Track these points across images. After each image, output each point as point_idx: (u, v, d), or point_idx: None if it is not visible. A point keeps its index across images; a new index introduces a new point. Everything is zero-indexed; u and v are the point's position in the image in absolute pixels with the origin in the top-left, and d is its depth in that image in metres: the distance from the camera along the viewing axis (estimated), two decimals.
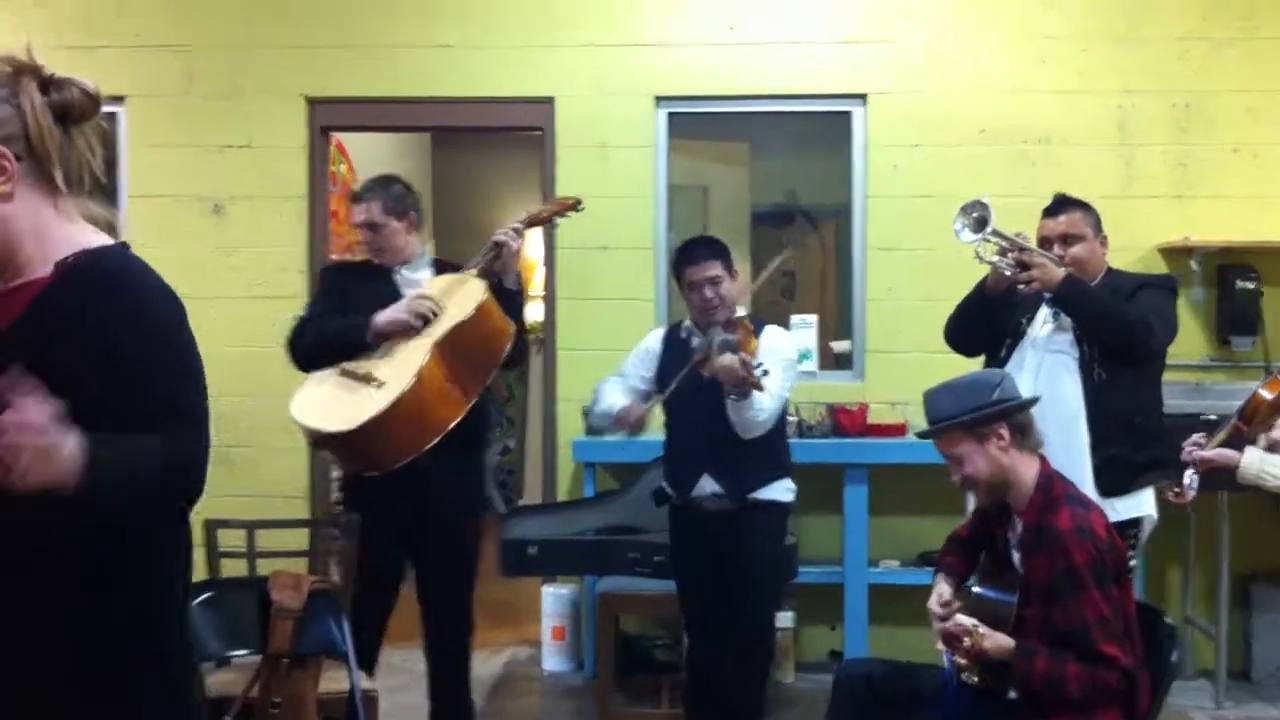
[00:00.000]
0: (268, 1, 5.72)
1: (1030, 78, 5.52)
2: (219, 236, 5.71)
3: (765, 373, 3.58)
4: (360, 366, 3.74)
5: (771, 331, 4.03)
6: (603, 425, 4.07)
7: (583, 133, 5.62)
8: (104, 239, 1.77)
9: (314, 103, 5.75)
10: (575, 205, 4.21)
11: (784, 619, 5.13)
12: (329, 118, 5.81)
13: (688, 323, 4.05)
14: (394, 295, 3.91)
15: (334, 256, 6.17)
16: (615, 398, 4.04)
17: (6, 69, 1.72)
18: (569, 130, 5.63)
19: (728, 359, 3.57)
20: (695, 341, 3.92)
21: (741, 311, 3.99)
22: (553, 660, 5.49)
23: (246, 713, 3.36)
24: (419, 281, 4.01)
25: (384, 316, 3.78)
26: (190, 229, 5.70)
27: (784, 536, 4.11)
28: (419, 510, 3.90)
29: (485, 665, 5.52)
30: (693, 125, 5.89)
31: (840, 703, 3.10)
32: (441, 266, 4.13)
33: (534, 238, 8.40)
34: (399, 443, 3.64)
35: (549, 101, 5.65)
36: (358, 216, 4.07)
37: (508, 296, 3.94)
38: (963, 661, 2.86)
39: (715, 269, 3.92)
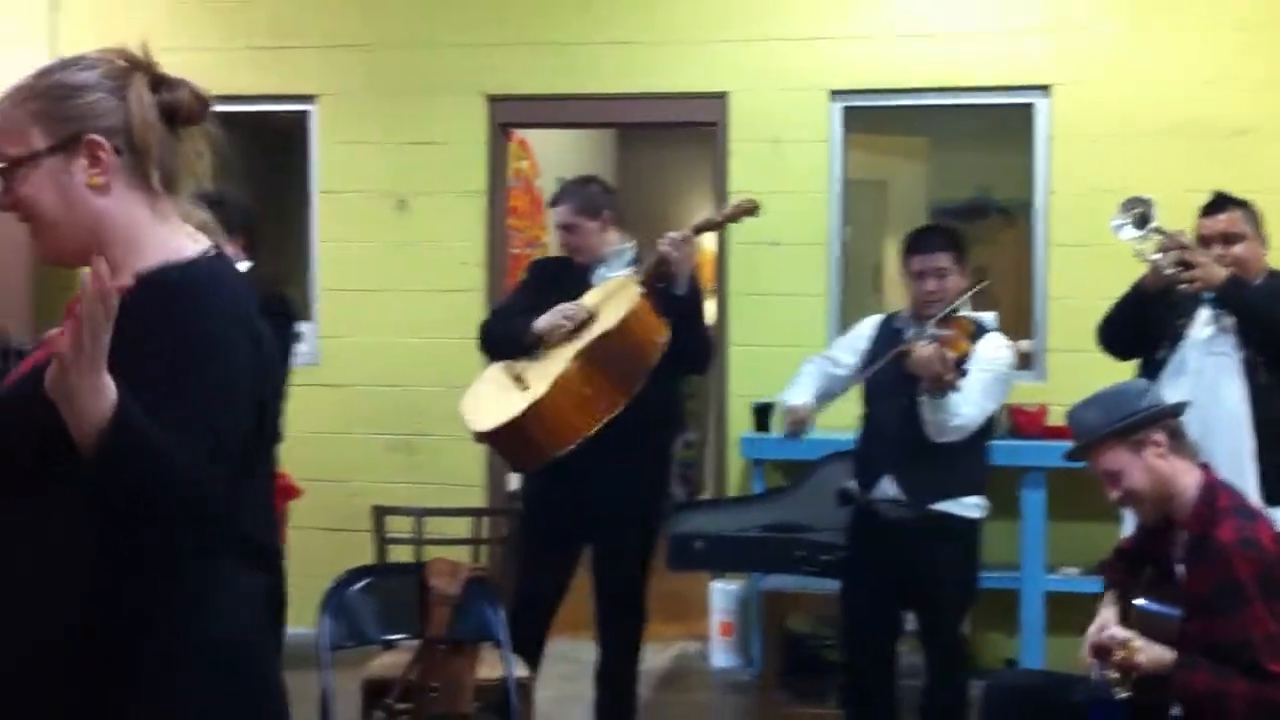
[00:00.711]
0: (450, 1, 5.85)
1: (1224, 68, 5.24)
2: (402, 231, 5.87)
3: (964, 373, 3.46)
4: (519, 367, 3.84)
5: (992, 339, 3.82)
6: (785, 428, 3.97)
7: (756, 128, 5.58)
8: (197, 246, 1.72)
9: (494, 100, 5.85)
10: (751, 210, 4.06)
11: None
12: (508, 114, 5.91)
13: (905, 313, 3.93)
14: (585, 292, 3.97)
15: (514, 251, 6.30)
16: (801, 388, 3.95)
17: (120, 63, 1.72)
18: (742, 125, 5.60)
19: (929, 351, 3.47)
20: (909, 333, 3.76)
21: (967, 312, 3.79)
22: (720, 656, 5.48)
23: (406, 695, 3.45)
24: (606, 280, 4.06)
25: (543, 321, 3.84)
26: (375, 224, 5.88)
27: (972, 557, 3.88)
28: (596, 504, 3.92)
29: (654, 658, 5.53)
30: (870, 119, 5.79)
31: (989, 715, 3.00)
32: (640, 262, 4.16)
33: (706, 235, 8.42)
34: (534, 446, 3.72)
35: (722, 97, 5.63)
36: (555, 219, 4.15)
37: (677, 302, 3.90)
38: (1114, 675, 2.73)
39: (943, 260, 3.76)
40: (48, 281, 5.46)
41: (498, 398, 3.74)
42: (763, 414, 5.33)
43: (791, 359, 4.70)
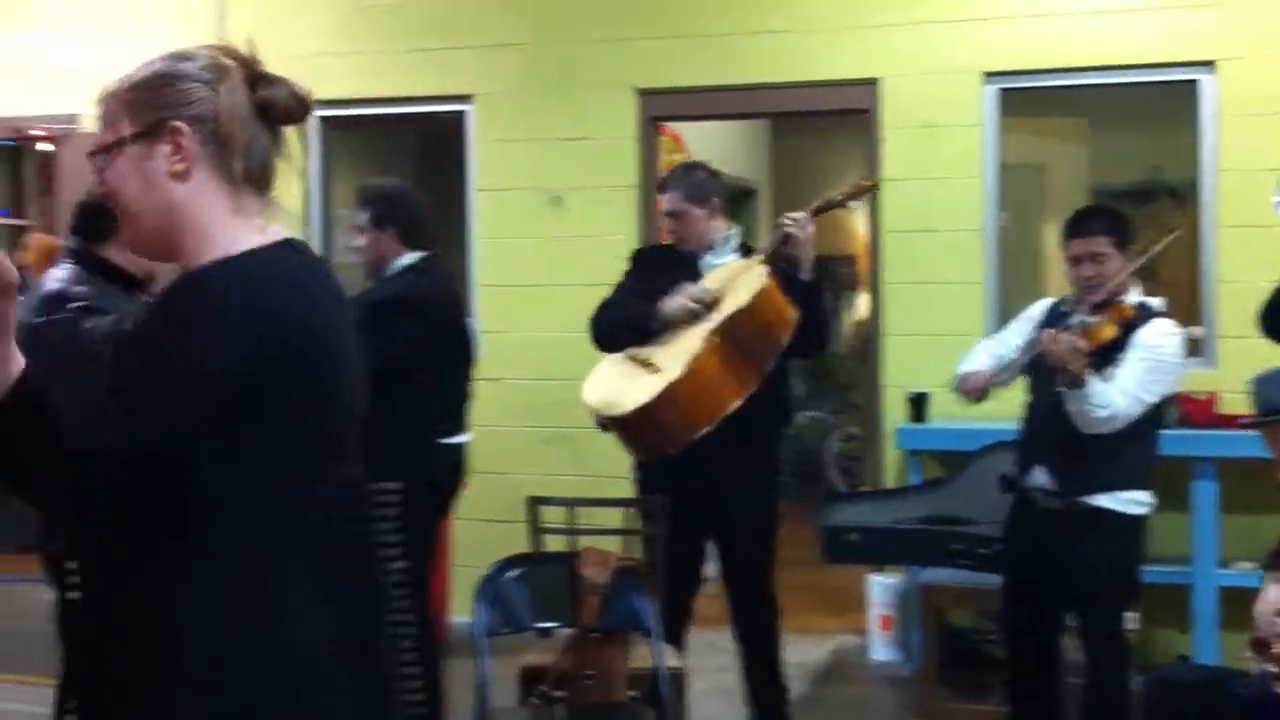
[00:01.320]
0: None
1: None
2: (557, 226, 5.95)
3: (1113, 362, 3.35)
4: (644, 353, 3.81)
5: (1156, 325, 3.65)
6: (956, 387, 3.90)
7: (908, 113, 5.49)
8: (260, 239, 1.68)
9: (644, 94, 5.89)
10: (872, 187, 4.11)
11: (1129, 620, 4.85)
12: (658, 108, 5.94)
13: (1072, 297, 3.79)
14: (697, 280, 3.96)
15: (666, 243, 6.32)
16: (975, 361, 3.89)
17: (222, 59, 1.73)
18: (894, 111, 5.52)
19: (1058, 341, 3.39)
20: (1074, 319, 3.63)
21: (1135, 298, 3.65)
22: (880, 650, 5.42)
23: (561, 683, 3.50)
24: (717, 267, 4.05)
25: (670, 304, 3.84)
26: (531, 219, 5.97)
27: (1131, 554, 3.75)
28: (713, 495, 3.93)
29: (813, 651, 5.52)
30: (1026, 101, 5.64)
31: (1152, 712, 2.91)
32: (747, 250, 4.15)
33: (857, 222, 8.35)
34: (670, 429, 3.69)
35: (874, 82, 5.57)
36: (663, 205, 4.15)
37: (800, 286, 3.89)
38: (1274, 669, 2.62)
39: (1101, 244, 3.63)
40: None
41: (627, 383, 3.73)
42: (918, 404, 5.26)
43: (947, 348, 4.62)
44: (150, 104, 1.68)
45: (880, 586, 5.42)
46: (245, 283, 1.60)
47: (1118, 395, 3.46)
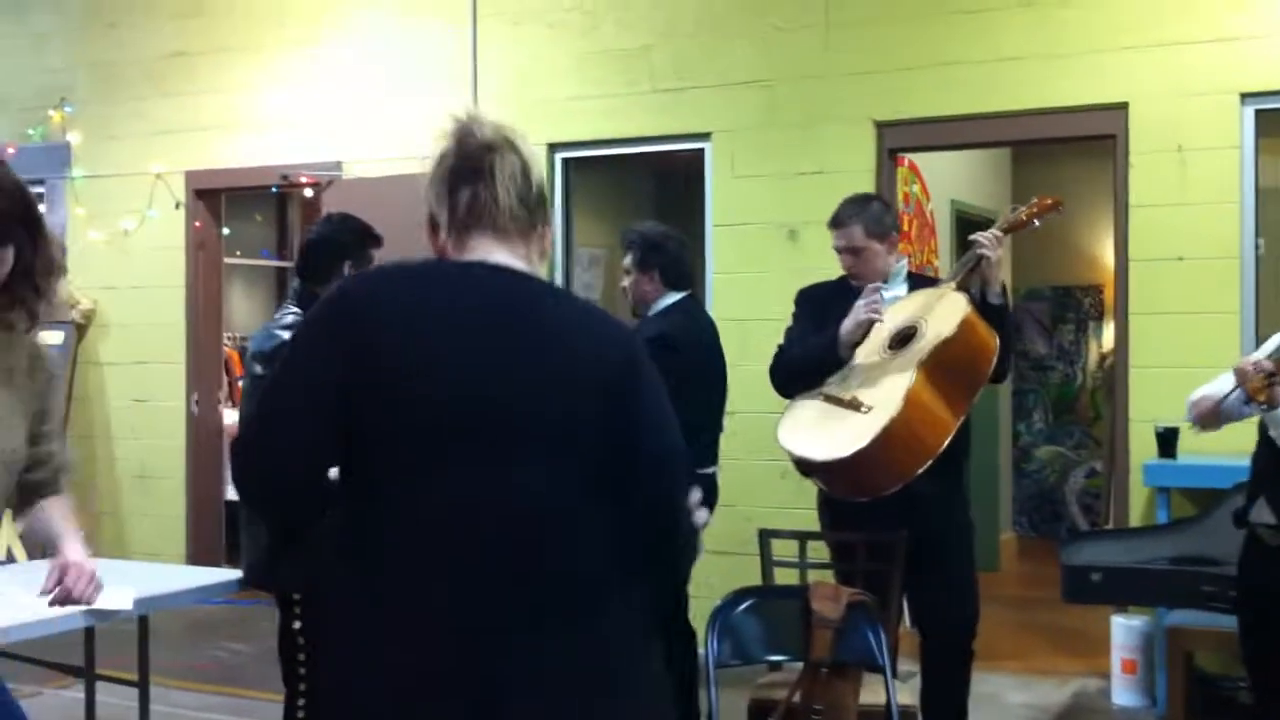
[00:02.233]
0: (839, 30, 5.93)
1: None
2: (795, 260, 5.97)
3: None
4: (845, 392, 3.73)
5: None
6: (1198, 412, 3.66)
7: (1158, 137, 5.32)
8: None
9: (882, 126, 5.88)
10: (1056, 206, 3.92)
11: None
12: (897, 140, 5.93)
13: None
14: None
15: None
16: (1213, 385, 3.65)
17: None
18: (1143, 135, 5.35)
19: (1248, 363, 3.26)
20: None
21: None
22: (1122, 694, 5.21)
23: (790, 716, 3.52)
24: (897, 299, 3.99)
25: (846, 325, 3.78)
26: (769, 254, 6.03)
27: None
28: (910, 533, 3.85)
29: (1052, 694, 5.37)
30: None
31: None
32: (915, 281, 4.08)
33: (1103, 251, 8.07)
34: (893, 467, 3.61)
35: (1122, 107, 5.41)
36: (838, 241, 4.07)
37: (991, 310, 3.79)
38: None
39: None
40: None
41: (836, 426, 3.66)
42: (1167, 439, 5.06)
43: (1199, 381, 4.43)
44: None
45: (1123, 628, 5.22)
46: (345, 288, 1.97)
47: None
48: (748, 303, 6.04)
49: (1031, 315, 9.11)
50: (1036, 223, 4.00)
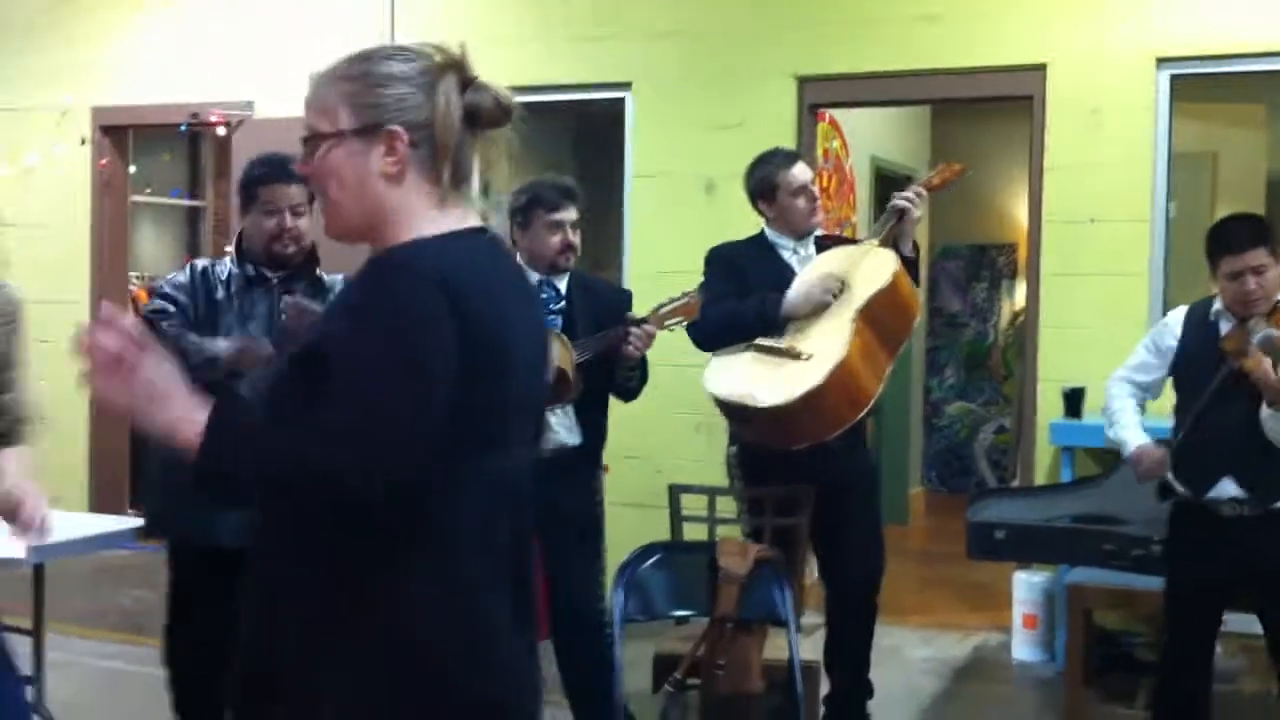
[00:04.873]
0: None
1: None
2: (711, 214, 5.94)
3: None
4: (778, 342, 3.76)
5: None
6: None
7: (1075, 99, 5.34)
8: (451, 223, 1.76)
9: (803, 81, 5.85)
10: (962, 172, 4.11)
11: None
12: (818, 95, 5.90)
13: (1218, 305, 3.60)
14: (790, 274, 3.93)
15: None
16: (1130, 429, 3.72)
17: (436, 59, 1.76)
18: (1061, 97, 5.38)
19: (1269, 369, 3.24)
20: (1224, 327, 3.53)
21: None
22: (1023, 649, 5.31)
23: (694, 671, 3.53)
24: (810, 257, 4.01)
25: (798, 295, 3.80)
26: (685, 206, 5.99)
27: None
28: (821, 486, 3.87)
29: (954, 649, 5.46)
30: (1200, 87, 5.44)
31: None
32: (823, 242, 4.11)
33: (1018, 210, 8.14)
34: (832, 415, 3.66)
35: (1040, 68, 5.43)
36: (806, 177, 4.13)
37: (905, 262, 3.86)
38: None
39: (1261, 257, 3.45)
40: None
41: (774, 372, 3.68)
42: (1074, 399, 5.13)
43: (1108, 342, 4.52)
44: (370, 103, 1.72)
45: (1025, 584, 5.32)
46: (425, 261, 1.67)
47: None
48: (665, 254, 6.00)
49: (947, 273, 9.18)
50: (944, 190, 4.17)
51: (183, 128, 7.35)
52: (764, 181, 4.12)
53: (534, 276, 3.84)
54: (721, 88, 5.95)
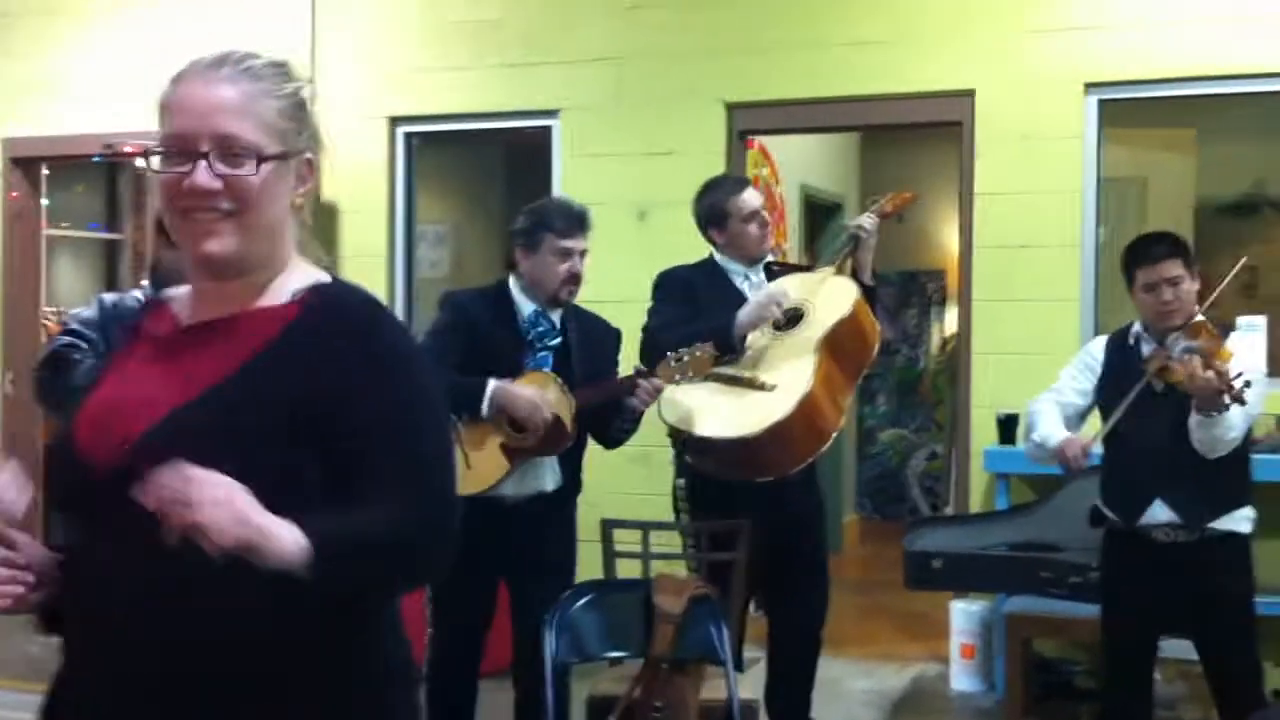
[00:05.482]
0: (693, 10, 5.81)
1: None
2: (643, 241, 5.87)
3: (1248, 384, 3.20)
4: (741, 371, 3.67)
5: (1246, 341, 3.63)
6: (1039, 457, 3.73)
7: (1005, 125, 5.33)
8: (324, 274, 1.69)
9: (733, 107, 5.81)
10: (913, 199, 4.18)
11: None
12: (747, 122, 5.85)
13: (1137, 328, 3.64)
14: (741, 300, 3.86)
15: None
16: (1053, 426, 3.67)
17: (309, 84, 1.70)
18: (989, 123, 5.36)
19: (1199, 369, 3.24)
20: (1146, 349, 3.55)
21: (1200, 316, 3.56)
22: (962, 679, 5.24)
23: (630, 714, 3.43)
24: (761, 284, 3.94)
25: (748, 314, 3.71)
26: (616, 235, 5.90)
27: (1252, 574, 3.62)
28: (768, 524, 3.79)
29: (893, 680, 5.39)
30: (1129, 113, 5.46)
31: None
32: (772, 269, 4.04)
33: (948, 236, 8.16)
34: (798, 446, 3.59)
35: (969, 94, 5.42)
36: (755, 204, 4.04)
37: (865, 290, 3.82)
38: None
39: (1176, 268, 3.49)
40: None
41: (738, 404, 3.59)
42: (1009, 426, 5.09)
43: (1041, 367, 4.47)
44: (299, 129, 1.66)
45: (963, 614, 5.25)
46: (386, 308, 1.69)
47: (1239, 414, 3.35)
48: (596, 284, 5.88)
49: (878, 299, 9.16)
50: (901, 217, 4.11)
51: (96, 158, 7.15)
52: (714, 208, 4.03)
53: (528, 308, 3.71)
54: (651, 115, 5.88)
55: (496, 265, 4.52)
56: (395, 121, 6.29)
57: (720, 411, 3.64)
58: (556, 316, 3.75)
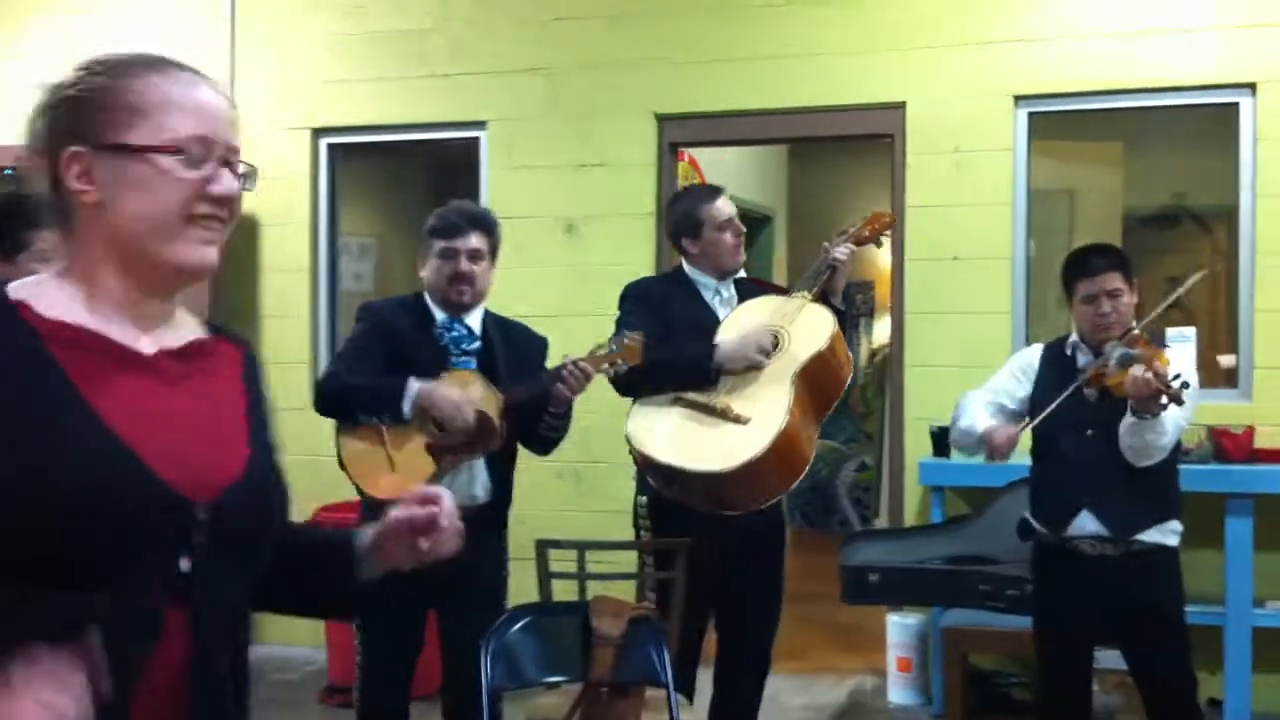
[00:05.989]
0: (623, 21, 5.76)
1: None
2: (572, 255, 5.81)
3: (1185, 385, 3.20)
4: (711, 399, 3.56)
5: (1177, 352, 3.62)
6: (965, 444, 3.72)
7: (935, 138, 5.34)
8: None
9: (663, 119, 5.75)
10: (893, 222, 4.04)
11: None
12: (678, 134, 5.81)
13: (1074, 338, 3.64)
14: (712, 316, 3.80)
15: None
16: (980, 416, 3.66)
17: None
18: (920, 136, 5.37)
19: (1139, 371, 3.23)
20: (1083, 360, 3.55)
21: (1136, 330, 3.55)
22: (899, 693, 5.22)
23: None
24: (731, 299, 3.87)
25: (733, 349, 3.62)
26: (545, 248, 5.83)
27: (1181, 586, 3.62)
28: (729, 543, 3.73)
29: (831, 693, 5.35)
30: (1057, 125, 5.49)
31: None
32: (744, 285, 3.96)
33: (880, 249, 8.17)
34: (769, 481, 3.50)
35: (900, 107, 5.42)
36: (729, 211, 3.93)
37: (839, 317, 3.75)
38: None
39: (1115, 281, 3.51)
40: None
41: (708, 435, 3.49)
42: (942, 438, 5.08)
43: (973, 380, 4.43)
44: None
45: (899, 627, 5.23)
46: None
47: (1169, 422, 3.36)
48: (525, 298, 5.81)
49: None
50: (879, 242, 4.09)
51: (7, 171, 6.92)
52: (687, 217, 3.91)
53: (440, 315, 3.58)
54: (580, 126, 5.82)
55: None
56: (318, 133, 6.17)
57: (690, 442, 3.52)
58: (474, 322, 3.60)
